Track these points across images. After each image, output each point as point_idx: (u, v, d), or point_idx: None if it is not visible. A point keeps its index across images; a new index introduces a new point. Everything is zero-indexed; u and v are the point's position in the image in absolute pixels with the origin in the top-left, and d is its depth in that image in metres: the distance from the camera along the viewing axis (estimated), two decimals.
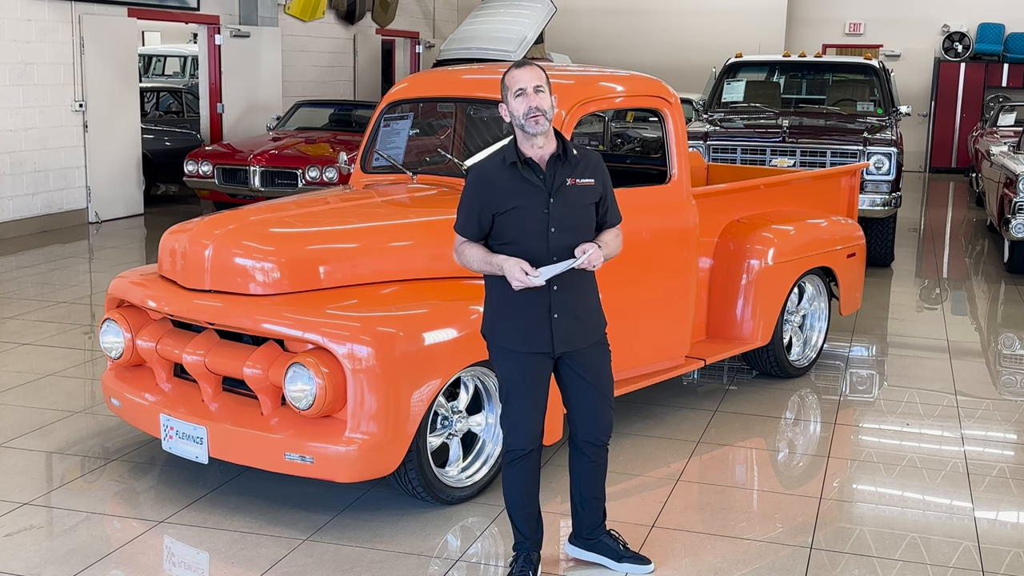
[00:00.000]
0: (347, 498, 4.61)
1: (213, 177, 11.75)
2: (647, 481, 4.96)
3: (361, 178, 5.86)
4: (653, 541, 4.33)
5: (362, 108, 13.47)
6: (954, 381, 6.66)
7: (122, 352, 4.83)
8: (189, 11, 13.96)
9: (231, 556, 4.13)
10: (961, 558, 4.27)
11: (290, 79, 15.93)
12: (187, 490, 4.70)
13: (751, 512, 4.66)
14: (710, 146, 9.90)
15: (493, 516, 4.50)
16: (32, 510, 4.50)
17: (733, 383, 6.51)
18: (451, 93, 5.99)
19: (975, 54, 20.23)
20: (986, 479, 5.09)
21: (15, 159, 11.28)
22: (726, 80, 11.81)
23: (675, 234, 5.57)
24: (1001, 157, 11.29)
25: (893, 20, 20.63)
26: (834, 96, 11.58)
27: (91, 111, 12.10)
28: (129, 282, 4.95)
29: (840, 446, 5.49)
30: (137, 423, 4.83)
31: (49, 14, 11.56)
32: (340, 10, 17.38)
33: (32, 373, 6.38)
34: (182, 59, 18.04)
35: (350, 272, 4.58)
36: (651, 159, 7.27)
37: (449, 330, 4.36)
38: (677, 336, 5.68)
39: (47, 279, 9.22)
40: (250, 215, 4.82)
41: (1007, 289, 9.74)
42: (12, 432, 5.38)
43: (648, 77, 5.81)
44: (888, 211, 9.84)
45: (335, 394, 4.15)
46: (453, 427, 4.57)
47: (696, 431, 5.63)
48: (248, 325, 4.37)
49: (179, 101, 15.46)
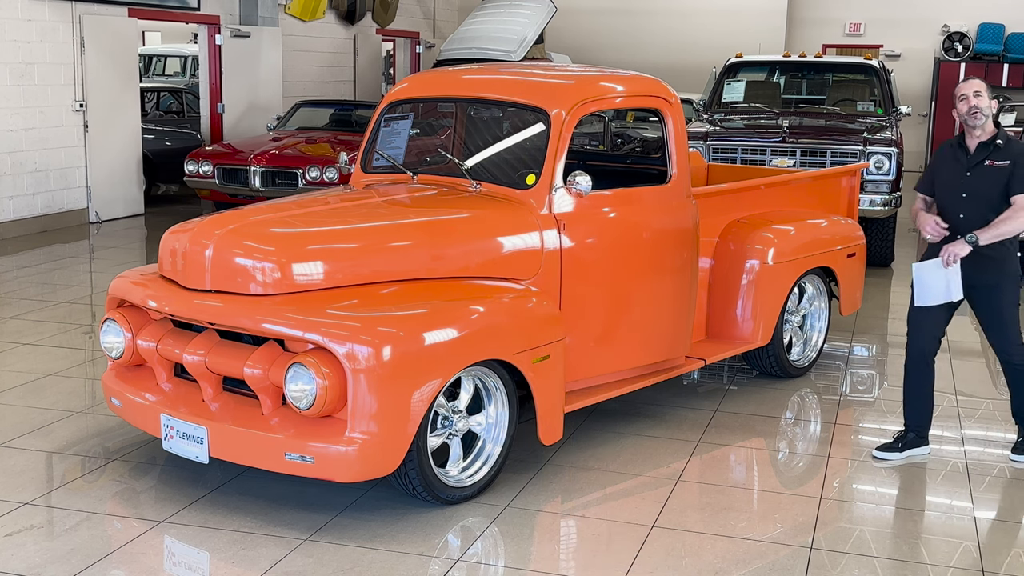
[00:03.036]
0: (347, 498, 4.62)
1: (213, 177, 11.75)
2: (647, 481, 4.96)
3: (361, 178, 5.87)
4: (653, 541, 4.33)
5: (362, 108, 13.46)
6: (954, 381, 6.66)
7: (123, 352, 4.83)
8: (189, 11, 13.97)
9: (231, 556, 4.13)
10: (961, 558, 4.27)
11: (290, 79, 15.94)
12: (187, 490, 4.70)
13: (751, 512, 4.67)
14: (710, 146, 9.91)
15: (493, 516, 4.51)
16: (33, 510, 4.50)
17: (733, 383, 6.51)
18: (451, 93, 5.99)
19: (975, 54, 20.23)
20: (986, 479, 5.09)
21: (15, 159, 11.28)
22: (726, 80, 11.81)
23: (675, 234, 5.57)
24: None
25: (893, 20, 20.63)
26: (834, 96, 11.57)
27: (91, 111, 12.11)
28: (130, 282, 4.95)
29: (840, 446, 5.49)
30: (137, 423, 4.83)
31: (49, 14, 11.57)
32: (340, 10, 17.38)
33: (32, 373, 6.39)
34: (182, 59, 18.05)
35: (350, 272, 4.58)
36: (651, 159, 7.27)
37: (449, 330, 4.36)
38: (677, 336, 5.68)
39: (47, 279, 9.23)
40: (250, 215, 4.82)
41: None
42: (12, 432, 5.38)
43: (648, 77, 5.82)
44: (888, 211, 9.84)
45: (335, 394, 4.15)
46: (453, 427, 4.57)
47: (696, 431, 5.63)
48: (248, 325, 4.37)
49: (179, 101, 15.45)
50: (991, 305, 5.07)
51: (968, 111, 4.96)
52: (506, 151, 5.50)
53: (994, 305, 5.05)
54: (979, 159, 4.96)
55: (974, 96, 4.95)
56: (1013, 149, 4.93)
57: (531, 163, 5.19)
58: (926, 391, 5.26)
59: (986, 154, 4.95)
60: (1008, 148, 4.93)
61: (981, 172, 4.94)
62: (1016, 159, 4.88)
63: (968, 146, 5.02)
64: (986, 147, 4.97)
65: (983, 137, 4.98)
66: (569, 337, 4.94)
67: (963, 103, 4.98)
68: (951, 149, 5.11)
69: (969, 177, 4.96)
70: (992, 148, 4.95)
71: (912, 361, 5.23)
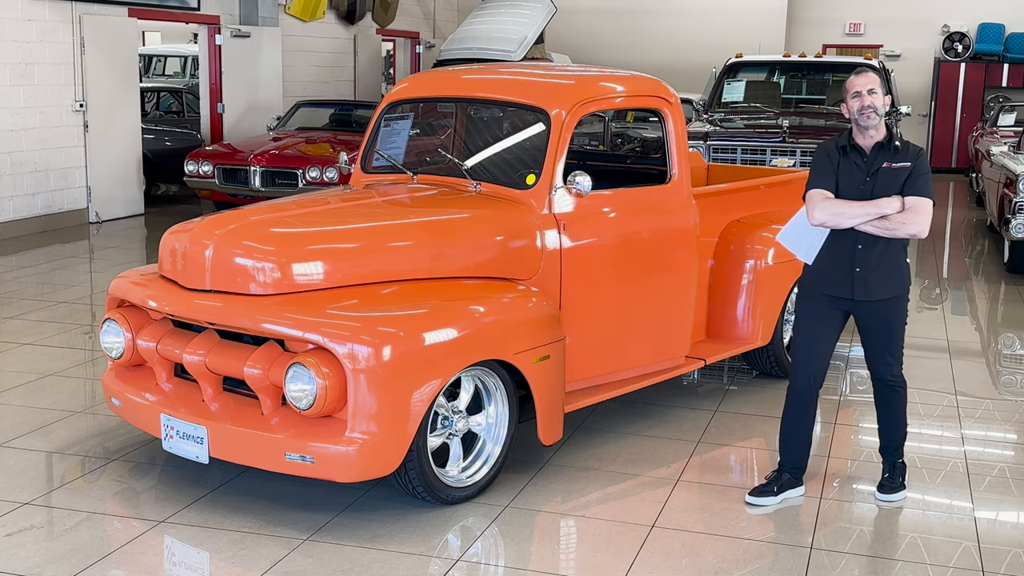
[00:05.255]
0: (347, 498, 4.62)
1: (213, 177, 11.75)
2: (647, 481, 4.96)
3: (361, 178, 5.87)
4: (653, 541, 4.33)
5: (362, 108, 13.47)
6: (954, 381, 6.66)
7: (122, 352, 4.83)
8: (189, 11, 13.97)
9: (231, 556, 4.13)
10: (961, 558, 4.27)
11: (290, 79, 15.94)
12: (187, 490, 4.70)
13: (751, 512, 4.66)
14: (710, 146, 9.92)
15: (493, 516, 4.51)
16: (32, 510, 4.50)
17: (733, 383, 6.51)
18: (451, 93, 5.99)
19: (975, 54, 20.24)
20: (986, 479, 5.09)
21: (15, 159, 11.28)
22: (726, 80, 11.83)
23: (675, 234, 5.57)
24: (1001, 157, 11.29)
25: (893, 20, 20.64)
26: (834, 96, 11.59)
27: (91, 111, 12.11)
28: (129, 282, 4.95)
29: (840, 446, 5.49)
30: (137, 423, 4.83)
31: (49, 14, 11.57)
32: (340, 10, 17.38)
33: (32, 373, 6.39)
34: (182, 59, 18.05)
35: (350, 272, 4.58)
36: (651, 159, 7.27)
37: (449, 330, 4.36)
38: (677, 336, 5.68)
39: (47, 279, 9.22)
40: (250, 215, 4.82)
41: (1007, 289, 9.74)
42: (12, 432, 5.38)
43: (648, 77, 5.82)
44: None
45: (335, 394, 4.15)
46: (453, 427, 4.57)
47: (696, 431, 5.63)
48: (248, 325, 4.37)
49: (179, 101, 15.46)
50: (882, 319, 4.63)
51: (860, 109, 4.50)
52: (506, 151, 5.50)
53: (885, 319, 4.63)
54: (879, 162, 4.52)
55: (868, 94, 4.49)
56: (911, 150, 4.53)
57: (531, 163, 5.19)
58: (806, 426, 4.76)
59: (886, 156, 4.52)
60: (906, 150, 4.53)
61: (882, 175, 4.50)
62: (915, 161, 4.54)
63: (863, 147, 4.56)
64: (884, 148, 4.53)
65: (878, 137, 4.54)
66: (569, 337, 4.94)
67: (856, 100, 4.51)
68: (844, 151, 4.59)
69: (870, 181, 4.51)
70: (892, 150, 4.52)
71: (795, 390, 4.74)
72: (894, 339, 4.68)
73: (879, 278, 4.55)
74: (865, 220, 4.47)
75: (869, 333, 4.68)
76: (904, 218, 4.46)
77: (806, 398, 4.71)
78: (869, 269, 4.53)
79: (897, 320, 4.66)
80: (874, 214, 4.45)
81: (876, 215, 4.46)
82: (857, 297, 4.56)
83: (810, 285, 4.70)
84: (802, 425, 4.75)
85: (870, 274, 4.53)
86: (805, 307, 4.74)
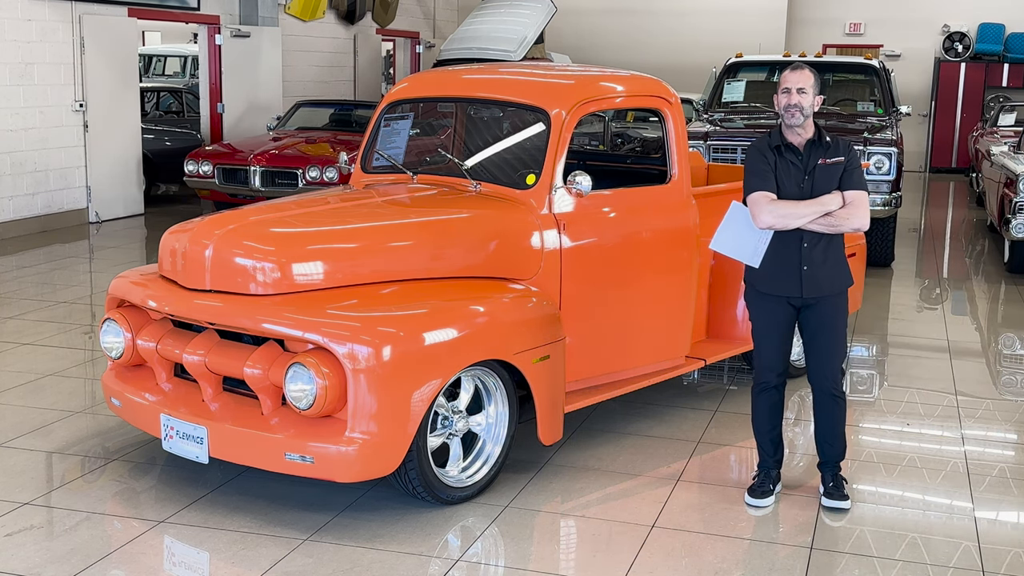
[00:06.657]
0: (347, 498, 4.61)
1: (213, 177, 11.75)
2: (647, 481, 4.96)
3: (361, 178, 5.87)
4: (653, 541, 4.33)
5: (362, 108, 13.47)
6: (954, 381, 6.66)
7: (122, 352, 4.83)
8: (189, 11, 13.97)
9: (231, 556, 4.13)
10: (961, 558, 4.27)
11: (290, 79, 15.94)
12: (187, 490, 4.70)
13: (751, 513, 4.66)
14: (710, 146, 9.91)
15: (493, 516, 4.51)
16: (32, 510, 4.50)
17: (733, 383, 6.51)
18: (451, 93, 5.99)
19: (975, 54, 20.23)
20: (986, 479, 5.09)
21: (15, 159, 11.28)
22: (726, 80, 11.81)
23: (675, 234, 5.57)
24: (1001, 157, 11.29)
25: (893, 20, 20.64)
26: (834, 96, 11.57)
27: (91, 111, 12.11)
28: (129, 282, 4.94)
29: None
30: (137, 423, 4.83)
31: (49, 14, 11.57)
32: (340, 10, 17.38)
33: (32, 373, 6.39)
34: (182, 59, 18.05)
35: (350, 272, 4.58)
36: (651, 159, 7.26)
37: (449, 330, 4.36)
38: (677, 336, 5.68)
39: (47, 279, 9.22)
40: (250, 215, 4.82)
41: (1007, 289, 9.74)
42: (12, 432, 5.38)
43: (648, 77, 5.81)
44: (888, 211, 9.84)
45: (335, 394, 4.15)
46: (453, 427, 4.57)
47: (696, 431, 5.63)
48: (248, 325, 4.37)
49: (179, 101, 15.46)
50: (824, 321, 4.60)
51: (786, 107, 4.49)
52: (506, 151, 5.50)
53: (827, 321, 4.60)
54: (814, 159, 4.53)
55: (797, 93, 4.47)
56: (841, 145, 4.60)
57: (531, 163, 5.19)
58: (777, 422, 4.79)
59: (820, 153, 4.53)
60: (837, 145, 4.58)
61: (819, 172, 4.52)
62: (848, 155, 4.56)
63: (795, 145, 4.56)
64: (816, 145, 4.55)
65: (808, 135, 4.55)
66: (569, 337, 4.94)
67: (784, 96, 4.51)
68: (779, 151, 4.57)
69: (808, 179, 4.52)
70: (823, 146, 4.54)
71: (762, 389, 4.74)
72: (838, 341, 4.67)
73: (826, 274, 4.57)
74: (812, 219, 4.48)
75: (815, 336, 4.66)
76: (848, 213, 4.50)
77: (775, 394, 4.76)
78: (816, 266, 4.55)
79: (840, 320, 4.67)
80: (820, 212, 4.48)
81: (822, 213, 4.48)
82: (806, 295, 4.57)
83: (759, 288, 4.69)
84: (774, 422, 4.80)
85: (817, 271, 4.55)
86: (758, 310, 4.73)
